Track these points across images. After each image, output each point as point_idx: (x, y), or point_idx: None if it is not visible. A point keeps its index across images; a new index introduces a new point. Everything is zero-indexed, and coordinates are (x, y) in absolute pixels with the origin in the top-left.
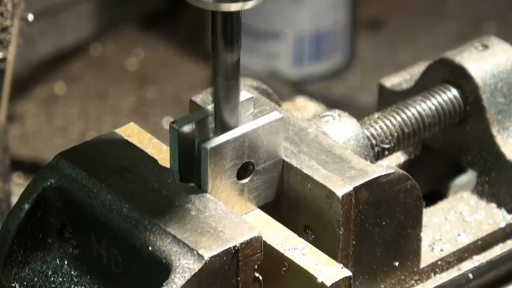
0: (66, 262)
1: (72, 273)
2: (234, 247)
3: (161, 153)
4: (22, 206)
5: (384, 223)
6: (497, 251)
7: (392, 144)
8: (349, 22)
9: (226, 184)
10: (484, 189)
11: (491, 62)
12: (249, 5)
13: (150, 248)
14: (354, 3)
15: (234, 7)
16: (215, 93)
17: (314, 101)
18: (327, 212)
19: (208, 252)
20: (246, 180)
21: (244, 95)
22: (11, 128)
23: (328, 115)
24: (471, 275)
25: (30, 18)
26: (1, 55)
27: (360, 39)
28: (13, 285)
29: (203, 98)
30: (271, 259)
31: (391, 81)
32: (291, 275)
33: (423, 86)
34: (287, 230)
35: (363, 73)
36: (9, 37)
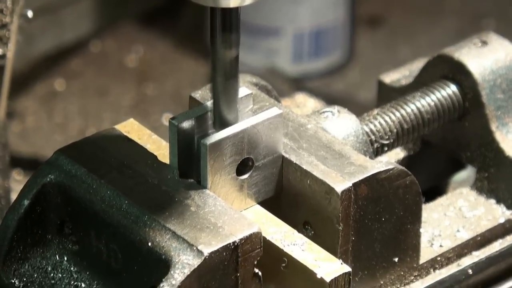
0: (65, 258)
1: (72, 269)
2: (234, 243)
3: (160, 149)
4: (22, 202)
5: (383, 219)
6: (496, 246)
7: (392, 140)
8: (348, 19)
9: (225, 180)
10: (483, 185)
11: (490, 58)
12: (248, 1)
13: (149, 244)
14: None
15: (233, 3)
16: (214, 89)
17: (314, 97)
18: (326, 208)
19: (208, 248)
20: (246, 176)
21: (244, 91)
22: (10, 124)
23: (327, 111)
24: (470, 271)
25: (29, 14)
26: (0, 51)
27: (360, 36)
28: (13, 281)
29: (202, 94)
30: (271, 255)
31: (390, 77)
32: (290, 271)
33: (422, 82)
34: (286, 226)
35: (362, 70)
36: (8, 34)
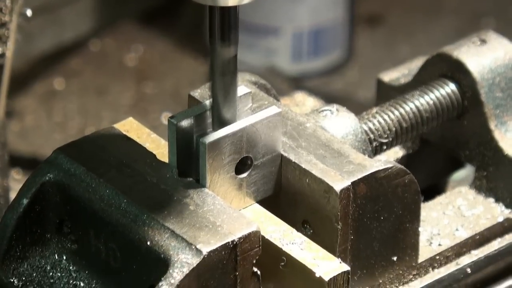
0: (64, 257)
1: (71, 268)
2: (233, 241)
3: (159, 148)
4: (21, 201)
5: (382, 218)
6: (495, 245)
7: (390, 138)
8: (347, 18)
9: (224, 179)
10: (482, 183)
11: (489, 56)
12: (246, 0)
13: (148, 243)
14: None
15: (231, 2)
16: (212, 88)
17: (313, 96)
18: (325, 206)
19: (207, 247)
20: (245, 175)
21: (243, 90)
22: (10, 123)
23: (326, 110)
24: (469, 270)
25: (28, 13)
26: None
27: (359, 35)
28: (12, 280)
29: (201, 93)
30: (269, 254)
31: (389, 76)
32: (289, 270)
33: (421, 81)
34: (285, 225)
35: (361, 69)
36: (7, 32)
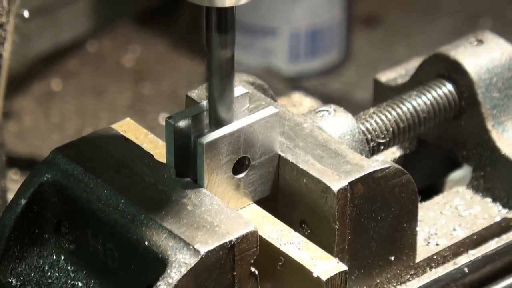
0: (62, 257)
1: (69, 268)
2: (230, 241)
3: (157, 148)
4: (19, 201)
5: (379, 218)
6: (492, 245)
7: (388, 139)
8: (344, 18)
9: (222, 179)
10: (479, 183)
11: (486, 57)
12: (243, 1)
13: (146, 243)
14: None
15: (228, 2)
16: (209, 88)
17: (310, 96)
18: (322, 206)
19: (204, 247)
20: (242, 175)
21: (240, 90)
22: (7, 124)
23: (323, 110)
24: (466, 270)
25: (25, 14)
26: None
27: (356, 35)
28: (10, 280)
29: (199, 94)
30: (267, 254)
31: (387, 76)
32: (287, 270)
33: (418, 81)
34: (283, 225)
35: (359, 69)
36: (4, 33)
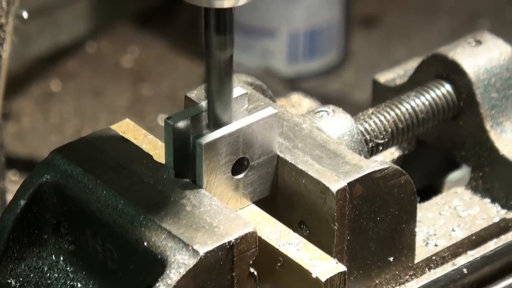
0: (61, 258)
1: (68, 269)
2: (229, 242)
3: (156, 149)
4: (18, 202)
5: (378, 218)
6: (491, 246)
7: (386, 139)
8: (343, 19)
9: (221, 180)
10: (478, 184)
11: (484, 57)
12: (242, 1)
13: (145, 244)
14: (348, 0)
15: (227, 3)
16: (208, 89)
17: (309, 97)
18: (321, 207)
19: (203, 248)
20: (241, 176)
21: (239, 91)
22: (6, 125)
23: (322, 111)
24: (465, 270)
25: (25, 15)
26: None
27: (355, 36)
28: (9, 281)
29: (198, 94)
30: (266, 255)
31: (385, 77)
32: (286, 270)
33: (416, 82)
34: (281, 226)
35: (357, 70)
36: (3, 34)
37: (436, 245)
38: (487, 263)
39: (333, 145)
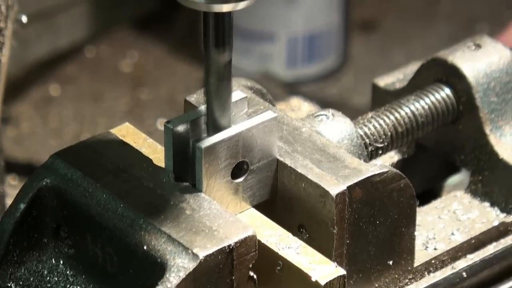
0: (61, 262)
1: (68, 272)
2: (229, 246)
3: (156, 152)
4: (18, 206)
5: (378, 222)
6: (490, 249)
7: (386, 143)
8: (342, 24)
9: (220, 184)
10: (478, 188)
11: (483, 61)
12: (241, 6)
13: (145, 247)
14: (347, 4)
15: (226, 8)
16: (207, 93)
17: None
18: (321, 211)
19: (203, 251)
20: (241, 179)
21: (238, 94)
22: (5, 129)
23: (321, 115)
24: (465, 274)
25: (24, 20)
26: None
27: (353, 40)
28: (9, 284)
29: (197, 98)
30: (266, 258)
31: (385, 81)
32: (285, 274)
33: (416, 86)
34: (281, 229)
35: (356, 74)
36: (3, 39)
37: (435, 248)
38: (486, 267)
39: (333, 149)
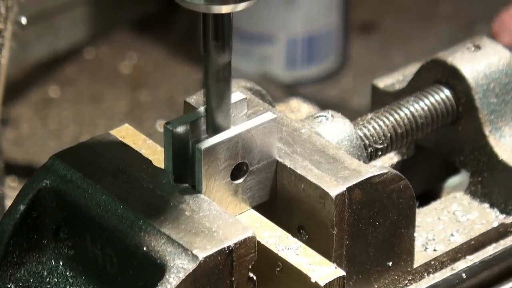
0: (61, 263)
1: (67, 273)
2: (228, 247)
3: (155, 154)
4: (18, 207)
5: (377, 223)
6: (490, 251)
7: (385, 144)
8: (341, 25)
9: (220, 185)
10: (477, 189)
11: (483, 62)
12: (240, 7)
13: (144, 249)
14: (346, 5)
15: (225, 9)
16: (206, 94)
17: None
18: (320, 212)
19: (203, 252)
20: (240, 181)
21: (238, 96)
22: (5, 131)
23: (321, 116)
24: (464, 275)
25: (23, 21)
26: None
27: (353, 42)
28: (9, 286)
29: (197, 99)
30: (265, 259)
31: (384, 82)
32: (285, 275)
33: (415, 87)
34: (280, 230)
35: (356, 76)
36: (2, 40)
37: (435, 250)
38: (486, 268)
39: (332, 150)
